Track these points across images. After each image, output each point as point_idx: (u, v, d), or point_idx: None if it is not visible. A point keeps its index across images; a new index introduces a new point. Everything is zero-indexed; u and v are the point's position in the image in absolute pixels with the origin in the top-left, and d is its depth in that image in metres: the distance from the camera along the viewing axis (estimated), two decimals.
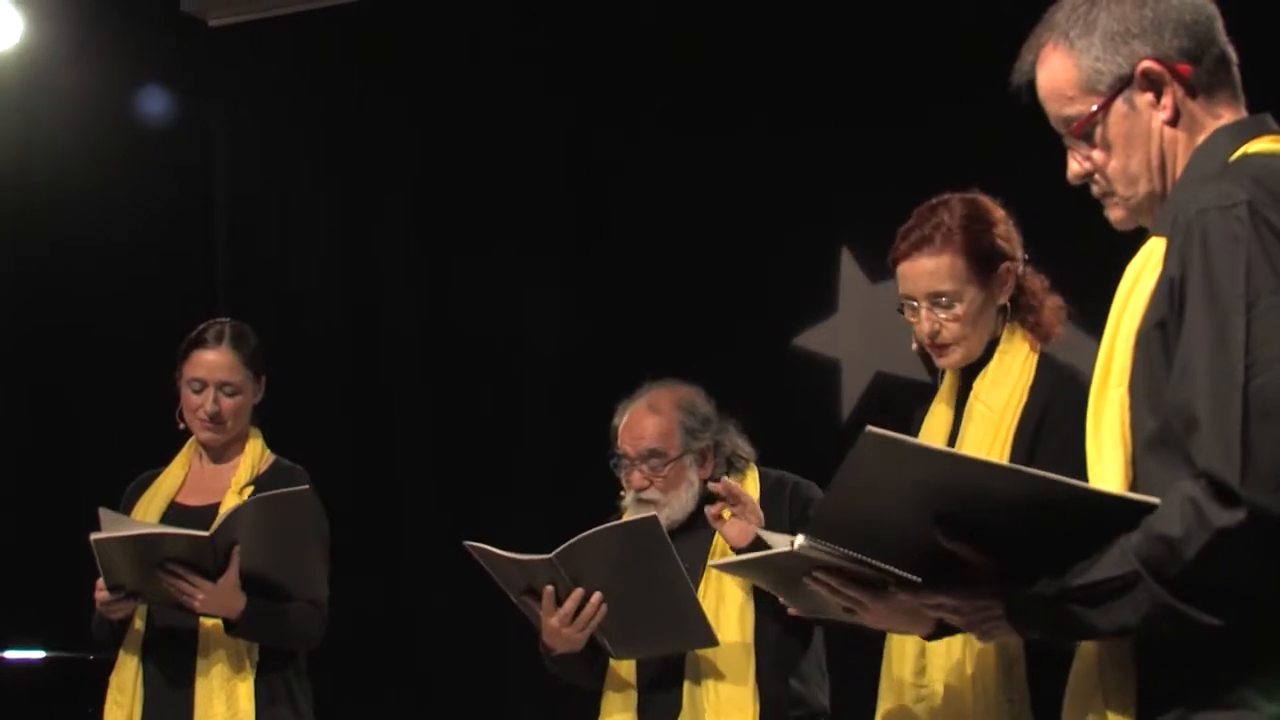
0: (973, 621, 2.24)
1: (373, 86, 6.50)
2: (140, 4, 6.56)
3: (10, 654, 5.44)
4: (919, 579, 2.28)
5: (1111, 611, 2.07)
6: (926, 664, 3.23)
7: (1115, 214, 2.32)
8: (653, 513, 3.76)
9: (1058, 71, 2.29)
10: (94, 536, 3.92)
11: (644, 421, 3.95)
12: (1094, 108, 2.25)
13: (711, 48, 5.89)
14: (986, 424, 3.20)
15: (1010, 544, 2.15)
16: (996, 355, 3.29)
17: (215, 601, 3.95)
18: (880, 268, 5.64)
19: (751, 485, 3.95)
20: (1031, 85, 2.35)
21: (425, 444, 6.36)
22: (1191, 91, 2.24)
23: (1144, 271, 2.17)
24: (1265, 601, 2.02)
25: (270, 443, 4.33)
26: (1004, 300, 3.31)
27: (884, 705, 3.31)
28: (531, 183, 6.22)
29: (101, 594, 4.02)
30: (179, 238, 6.65)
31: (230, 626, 4.01)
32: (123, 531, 3.95)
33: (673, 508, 3.90)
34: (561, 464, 6.01)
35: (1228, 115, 2.26)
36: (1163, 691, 2.11)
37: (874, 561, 2.33)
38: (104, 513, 4.01)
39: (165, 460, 4.35)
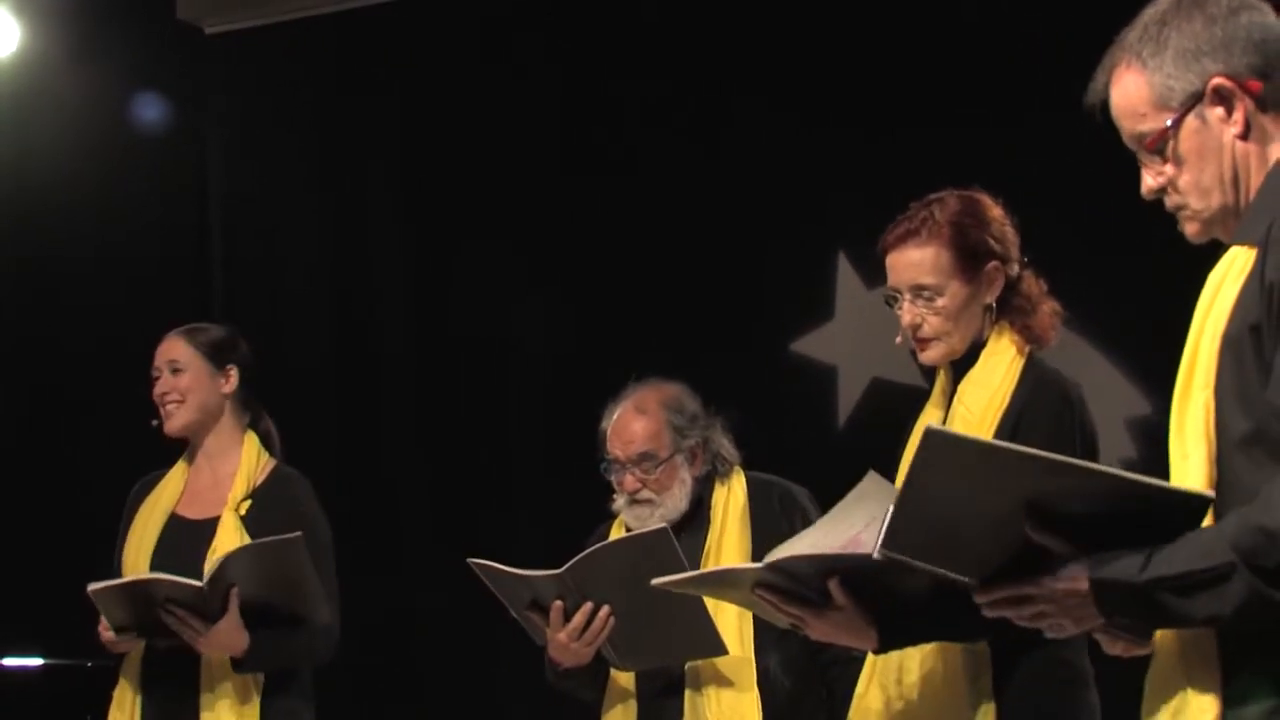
0: (1065, 609, 2.28)
1: (367, 92, 6.50)
2: (136, 11, 6.56)
3: (9, 661, 5.44)
4: (982, 583, 2.32)
5: (1204, 601, 2.12)
6: (902, 657, 3.24)
7: (1190, 228, 2.38)
8: (661, 523, 3.75)
9: (1130, 90, 2.36)
10: (91, 588, 3.91)
11: (632, 425, 3.93)
12: (1167, 123, 2.32)
13: (707, 50, 5.88)
14: (966, 426, 3.20)
15: (1089, 532, 2.21)
16: (982, 357, 3.28)
17: (217, 642, 3.93)
18: (877, 273, 5.63)
19: (738, 488, 3.95)
20: (1104, 106, 2.41)
21: (419, 447, 6.35)
22: (1262, 106, 2.31)
23: (1227, 279, 2.25)
24: None
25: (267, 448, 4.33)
26: (990, 299, 3.29)
27: (858, 689, 3.32)
28: (525, 187, 6.21)
29: (107, 635, 4.01)
30: (174, 243, 6.65)
31: (237, 665, 3.99)
32: (116, 580, 3.96)
33: (667, 508, 3.89)
34: (556, 466, 6.00)
35: None
36: (1251, 683, 2.16)
37: (943, 572, 2.38)
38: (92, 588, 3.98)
39: (168, 463, 4.33)
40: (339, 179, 6.56)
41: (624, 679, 3.88)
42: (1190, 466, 2.22)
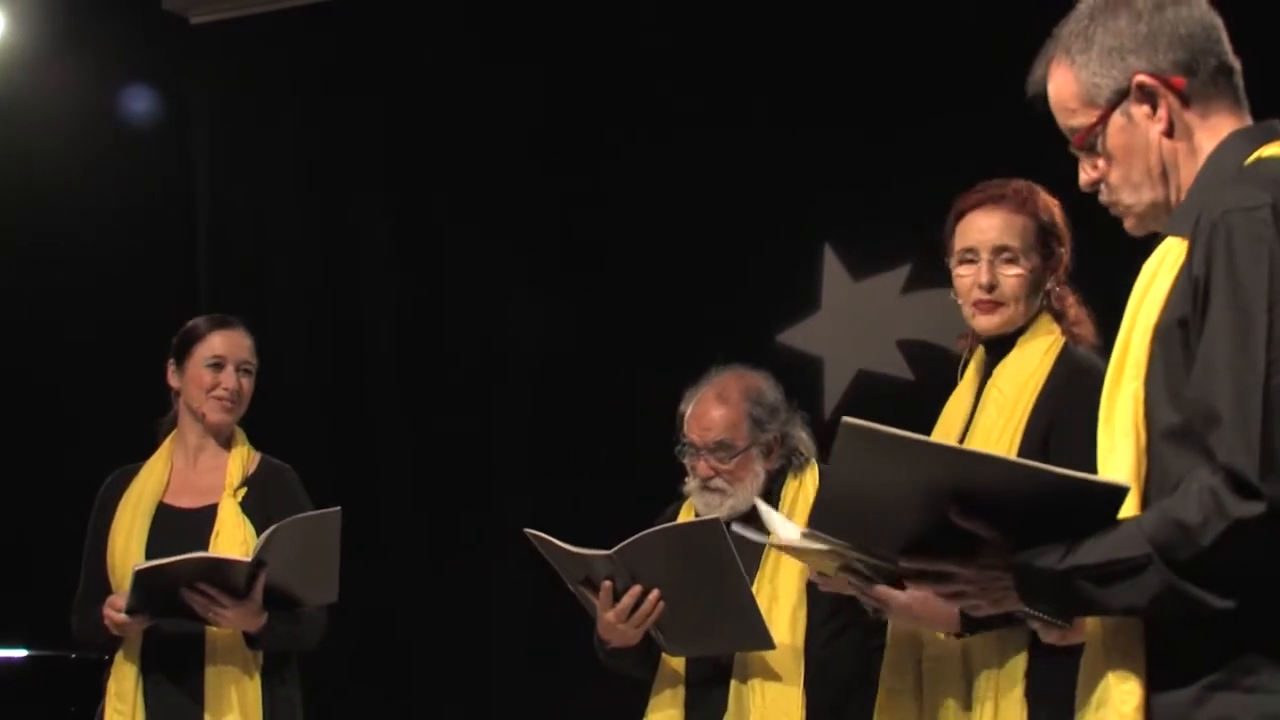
0: (985, 589, 2.30)
1: (354, 84, 6.49)
2: (121, 1, 6.54)
3: None
4: (916, 565, 2.34)
5: (1120, 591, 2.15)
6: (926, 638, 3.25)
7: (1127, 223, 2.41)
8: (730, 513, 3.74)
9: (1061, 85, 2.39)
10: (139, 566, 3.90)
11: (712, 412, 3.90)
12: (1093, 120, 2.34)
13: (693, 46, 5.89)
14: (999, 410, 3.26)
15: (1013, 520, 2.23)
16: (1019, 343, 3.34)
17: (240, 619, 3.95)
18: (863, 265, 5.66)
19: (809, 482, 3.91)
20: (1044, 96, 2.44)
21: (407, 441, 6.35)
22: (1186, 102, 2.32)
23: (1160, 270, 2.26)
24: (1278, 587, 2.11)
25: (250, 442, 4.32)
26: (1051, 284, 3.37)
27: (884, 677, 3.36)
28: (512, 182, 6.21)
29: (119, 616, 3.98)
30: (159, 235, 6.64)
31: (251, 640, 4.02)
32: (172, 557, 3.91)
33: (737, 499, 3.83)
34: (542, 463, 6.01)
35: (1227, 122, 2.33)
36: (1174, 672, 2.17)
37: (868, 556, 2.41)
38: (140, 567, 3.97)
39: (145, 456, 4.31)
40: (326, 169, 6.55)
41: (675, 662, 3.85)
42: (1117, 459, 2.24)
